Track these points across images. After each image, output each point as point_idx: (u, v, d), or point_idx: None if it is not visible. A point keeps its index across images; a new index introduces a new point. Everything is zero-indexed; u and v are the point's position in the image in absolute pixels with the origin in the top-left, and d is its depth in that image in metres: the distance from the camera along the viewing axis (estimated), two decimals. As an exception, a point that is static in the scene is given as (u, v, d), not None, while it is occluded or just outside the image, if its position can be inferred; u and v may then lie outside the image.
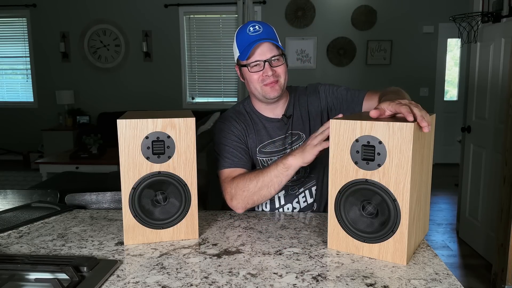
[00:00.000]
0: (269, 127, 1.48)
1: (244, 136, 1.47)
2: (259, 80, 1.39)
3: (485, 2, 3.14)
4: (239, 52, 1.40)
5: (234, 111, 1.53)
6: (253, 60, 1.37)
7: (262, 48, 1.36)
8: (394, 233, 0.97)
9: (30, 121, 6.63)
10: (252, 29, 1.38)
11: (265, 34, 1.37)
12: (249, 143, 1.47)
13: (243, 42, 1.39)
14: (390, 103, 1.00)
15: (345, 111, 1.44)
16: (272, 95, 1.40)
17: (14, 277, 0.91)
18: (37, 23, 6.46)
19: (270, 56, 1.37)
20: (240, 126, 1.47)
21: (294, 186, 1.49)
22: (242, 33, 1.39)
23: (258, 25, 1.38)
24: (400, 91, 1.28)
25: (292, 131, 1.47)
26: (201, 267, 0.99)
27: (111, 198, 1.47)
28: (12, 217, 1.33)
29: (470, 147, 3.31)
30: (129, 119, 1.07)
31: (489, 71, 3.04)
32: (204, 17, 6.34)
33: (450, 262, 3.07)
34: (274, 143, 1.47)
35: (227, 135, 1.46)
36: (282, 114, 1.48)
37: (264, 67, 1.37)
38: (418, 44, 6.02)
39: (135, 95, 6.47)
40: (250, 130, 1.47)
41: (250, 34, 1.37)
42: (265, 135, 1.47)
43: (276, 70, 1.38)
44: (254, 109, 1.50)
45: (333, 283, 0.90)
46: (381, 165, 0.96)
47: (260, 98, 1.43)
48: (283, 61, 1.40)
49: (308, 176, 1.49)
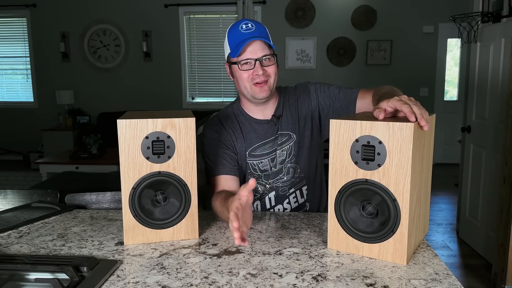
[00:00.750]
0: (259, 129, 1.45)
1: (232, 145, 1.44)
2: (249, 78, 1.36)
3: (485, 2, 3.14)
4: (230, 49, 1.37)
5: (221, 116, 1.49)
6: (244, 58, 1.34)
7: (254, 46, 1.33)
8: (394, 233, 0.97)
9: (30, 121, 6.63)
10: (244, 26, 1.35)
11: (257, 33, 1.34)
12: (238, 148, 1.44)
13: (234, 39, 1.35)
14: (389, 100, 0.98)
15: (338, 110, 1.43)
16: (261, 96, 1.37)
17: (14, 277, 0.91)
18: (37, 23, 6.46)
19: (262, 55, 1.34)
20: (227, 132, 1.44)
21: (284, 187, 1.47)
22: (234, 30, 1.36)
23: (251, 23, 1.36)
24: (394, 90, 1.26)
25: (282, 131, 1.45)
26: (201, 267, 0.99)
27: (111, 198, 1.47)
28: (12, 217, 1.33)
29: (470, 147, 3.31)
30: (129, 119, 1.07)
31: (489, 71, 3.04)
32: (204, 17, 6.34)
33: (450, 262, 3.07)
34: (263, 145, 1.44)
35: (216, 144, 1.43)
36: (271, 115, 1.46)
37: (255, 66, 1.34)
38: (418, 44, 6.02)
39: (135, 95, 6.47)
40: (238, 134, 1.45)
41: (242, 32, 1.34)
42: (254, 137, 1.44)
43: (266, 70, 1.35)
44: (243, 111, 1.47)
45: (333, 283, 0.90)
46: (381, 165, 0.96)
47: (249, 97, 1.40)
48: (274, 61, 1.37)
49: (298, 176, 1.47)
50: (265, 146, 1.44)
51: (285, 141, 1.45)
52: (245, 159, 1.44)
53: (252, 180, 0.95)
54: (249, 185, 0.94)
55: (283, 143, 1.45)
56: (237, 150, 1.44)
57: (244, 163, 1.44)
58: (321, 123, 1.48)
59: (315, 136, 1.48)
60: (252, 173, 1.45)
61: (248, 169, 1.45)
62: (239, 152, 1.44)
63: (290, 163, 1.45)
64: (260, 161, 1.44)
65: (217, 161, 1.40)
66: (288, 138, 1.45)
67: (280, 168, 1.45)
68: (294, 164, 1.46)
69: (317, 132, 1.49)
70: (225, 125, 1.46)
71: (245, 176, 1.46)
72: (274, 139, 1.45)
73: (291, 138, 1.45)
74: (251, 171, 1.45)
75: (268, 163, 1.44)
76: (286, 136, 1.45)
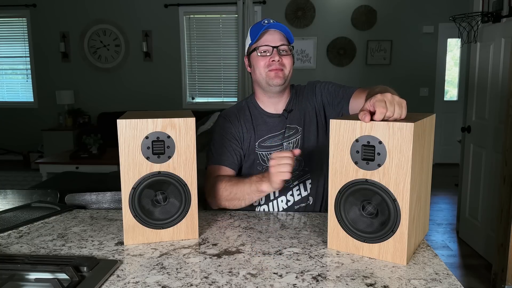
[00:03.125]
0: (270, 122, 1.51)
1: (241, 136, 1.50)
2: (265, 65, 1.42)
3: (485, 2, 3.14)
4: (251, 39, 1.45)
5: (237, 108, 1.56)
6: (263, 43, 1.42)
7: (274, 35, 1.42)
8: (394, 233, 0.97)
9: (30, 121, 6.63)
10: (266, 21, 1.44)
11: (278, 26, 1.43)
12: (246, 139, 1.50)
13: (256, 30, 1.44)
14: (370, 99, 0.98)
15: (336, 107, 1.49)
16: (275, 82, 1.42)
17: (14, 277, 0.91)
18: (37, 23, 6.46)
19: (280, 44, 1.41)
20: (239, 124, 1.50)
21: (288, 179, 1.48)
22: (257, 25, 1.46)
23: (273, 20, 1.46)
24: (386, 89, 1.26)
25: (289, 125, 1.50)
26: (201, 267, 0.99)
27: (111, 198, 1.47)
28: (12, 217, 1.33)
29: (470, 147, 3.31)
30: (129, 119, 1.07)
31: (489, 71, 3.04)
32: (204, 17, 6.33)
33: (450, 262, 3.07)
34: (273, 138, 1.50)
35: (225, 134, 1.50)
36: (283, 109, 1.52)
37: (272, 53, 1.41)
38: (418, 44, 6.02)
39: (135, 95, 6.47)
40: (249, 126, 1.50)
41: (264, 24, 1.43)
42: (264, 130, 1.50)
43: (283, 59, 1.42)
44: (257, 104, 1.54)
45: (333, 283, 0.90)
46: (381, 165, 0.96)
47: (264, 85, 1.46)
48: (291, 54, 1.45)
49: (303, 169, 1.50)
50: (274, 139, 1.50)
51: (292, 135, 1.50)
52: (254, 150, 1.49)
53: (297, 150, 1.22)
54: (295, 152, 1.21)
55: (290, 136, 1.50)
56: (244, 141, 1.50)
57: (253, 154, 1.49)
58: (326, 120, 1.54)
59: (320, 132, 1.53)
60: (261, 164, 1.49)
61: (257, 160, 1.49)
62: (248, 143, 1.49)
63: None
64: (269, 153, 1.49)
65: (222, 152, 1.47)
66: (295, 131, 1.50)
67: None
68: (299, 157, 1.48)
69: (323, 129, 1.54)
70: (239, 116, 1.52)
71: (254, 167, 1.50)
72: (283, 133, 1.50)
73: (298, 131, 1.50)
74: (260, 161, 1.49)
75: None
76: (293, 130, 1.50)
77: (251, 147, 1.50)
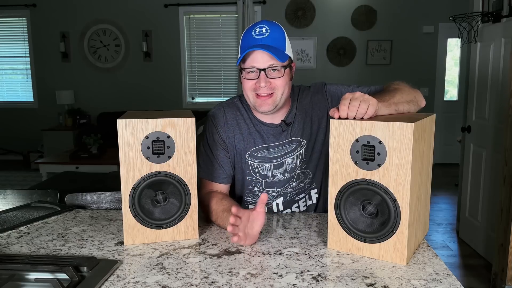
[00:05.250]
0: (265, 131, 1.37)
1: (227, 141, 1.37)
2: (252, 88, 1.27)
3: (485, 2, 3.13)
4: (239, 54, 1.29)
5: (228, 105, 1.41)
6: (249, 65, 1.25)
7: (263, 54, 1.23)
8: (394, 233, 0.97)
9: (30, 121, 6.63)
10: (258, 30, 1.26)
11: (270, 40, 1.24)
12: (237, 146, 1.38)
13: (245, 44, 1.27)
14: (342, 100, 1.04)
15: None
16: (262, 109, 1.29)
17: (14, 277, 0.91)
18: (37, 23, 6.45)
19: (268, 65, 1.23)
20: (226, 126, 1.37)
21: (293, 193, 1.43)
22: (247, 34, 1.28)
23: (266, 27, 1.26)
24: (398, 90, 1.23)
25: (292, 137, 1.38)
26: (201, 267, 0.99)
27: (111, 198, 1.47)
28: (12, 217, 1.33)
29: (470, 147, 3.31)
30: (129, 119, 1.07)
31: (489, 71, 3.04)
32: (204, 17, 6.33)
33: (450, 262, 3.07)
34: (267, 149, 1.37)
35: (212, 143, 1.38)
36: (281, 119, 1.37)
37: (259, 76, 1.24)
38: (418, 44, 6.02)
39: (135, 95, 6.47)
40: (243, 130, 1.37)
41: (254, 36, 1.25)
42: (258, 138, 1.37)
43: (272, 82, 1.25)
44: (251, 109, 1.39)
45: (333, 283, 0.90)
46: (381, 165, 0.96)
47: (252, 108, 1.34)
48: (282, 73, 1.26)
49: (309, 182, 1.43)
50: (269, 151, 1.37)
51: (295, 148, 1.38)
52: (245, 158, 1.38)
53: (264, 195, 1.07)
54: (261, 199, 1.06)
55: (293, 151, 1.38)
56: (232, 145, 1.38)
57: (244, 163, 1.39)
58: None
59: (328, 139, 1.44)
60: (252, 175, 1.39)
61: (247, 169, 1.39)
62: (237, 151, 1.38)
63: (300, 170, 1.41)
64: (261, 164, 1.38)
65: (212, 165, 1.37)
66: (298, 144, 1.38)
67: (290, 176, 1.40)
68: (304, 170, 1.41)
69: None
70: (226, 117, 1.38)
71: (244, 176, 1.41)
72: (282, 145, 1.38)
73: (301, 144, 1.39)
74: (250, 172, 1.39)
75: (270, 169, 1.39)
76: (296, 143, 1.38)
77: (241, 155, 1.38)
